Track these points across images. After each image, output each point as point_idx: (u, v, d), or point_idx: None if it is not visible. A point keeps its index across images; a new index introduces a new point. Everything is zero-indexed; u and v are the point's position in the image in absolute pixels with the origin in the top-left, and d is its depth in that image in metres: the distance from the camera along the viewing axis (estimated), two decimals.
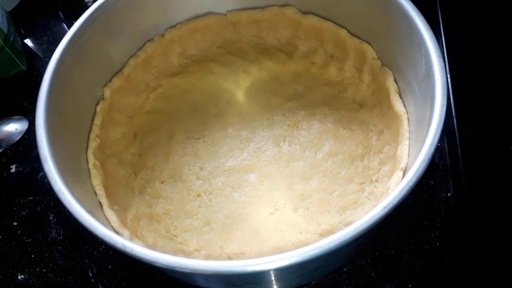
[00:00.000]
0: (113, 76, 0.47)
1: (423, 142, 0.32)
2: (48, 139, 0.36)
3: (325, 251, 0.26)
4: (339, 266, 0.41)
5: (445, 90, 0.33)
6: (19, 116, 0.55)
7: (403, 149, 0.40)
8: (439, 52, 0.35)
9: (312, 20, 0.50)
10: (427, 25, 0.37)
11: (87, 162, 0.42)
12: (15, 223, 0.48)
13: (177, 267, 0.27)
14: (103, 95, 0.46)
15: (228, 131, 0.48)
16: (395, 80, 0.44)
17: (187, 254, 0.40)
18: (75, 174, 0.38)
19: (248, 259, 0.28)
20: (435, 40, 0.36)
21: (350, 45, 0.48)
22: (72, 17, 0.65)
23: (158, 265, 0.28)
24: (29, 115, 0.55)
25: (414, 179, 0.29)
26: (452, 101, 0.45)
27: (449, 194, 0.44)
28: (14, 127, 0.53)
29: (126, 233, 0.37)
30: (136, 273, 0.44)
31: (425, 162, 0.30)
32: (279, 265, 0.28)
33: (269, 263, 0.27)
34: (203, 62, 0.53)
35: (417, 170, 0.30)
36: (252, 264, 0.27)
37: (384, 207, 0.28)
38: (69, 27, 0.65)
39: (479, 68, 0.49)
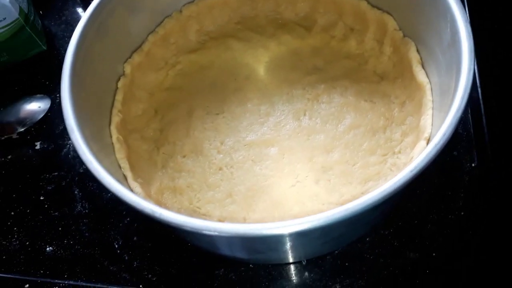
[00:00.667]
0: (133, 52, 0.48)
1: (449, 107, 0.31)
2: (74, 111, 0.36)
3: (352, 213, 0.27)
4: (362, 236, 0.41)
5: (472, 55, 0.32)
6: (42, 95, 0.56)
7: (427, 119, 0.40)
8: (466, 17, 0.34)
9: None
10: None
11: (111, 137, 0.43)
12: (41, 198, 0.49)
13: (204, 230, 0.28)
14: (124, 71, 0.46)
15: (248, 106, 0.48)
16: (417, 51, 0.43)
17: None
18: (100, 146, 0.38)
19: (273, 222, 0.28)
20: (461, 5, 0.35)
21: (371, 17, 0.48)
22: None
23: (187, 228, 0.28)
24: (51, 93, 0.56)
25: (442, 142, 0.29)
26: (476, 71, 0.44)
27: (473, 165, 0.43)
28: (37, 106, 0.54)
29: (151, 203, 0.38)
30: (161, 244, 0.44)
31: (453, 125, 0.29)
32: (304, 227, 0.28)
33: (294, 225, 0.28)
34: (221, 38, 0.53)
35: (444, 134, 0.29)
36: (278, 226, 0.27)
37: (411, 171, 0.28)
38: (85, 8, 0.65)
39: (504, 37, 0.48)
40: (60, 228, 0.47)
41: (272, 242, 0.33)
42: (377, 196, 0.27)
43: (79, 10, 0.66)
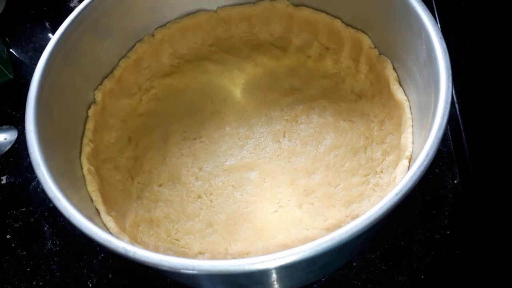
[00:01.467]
0: (104, 79, 0.46)
1: (430, 126, 0.31)
2: (40, 144, 0.34)
3: (339, 242, 0.25)
4: (348, 261, 0.39)
5: (450, 72, 0.32)
6: (8, 126, 0.53)
7: (407, 137, 0.39)
8: (440, 34, 0.34)
9: (305, 12, 0.49)
10: (425, 8, 0.36)
11: (81, 168, 0.40)
12: (8, 236, 0.46)
13: (183, 269, 0.26)
14: (94, 98, 0.44)
15: (226, 130, 0.47)
16: (394, 68, 0.43)
17: (191, 258, 0.38)
18: (69, 181, 0.36)
19: (257, 257, 0.27)
20: (435, 23, 0.35)
21: (345, 35, 0.48)
22: (57, 24, 0.64)
23: (163, 267, 0.26)
24: (18, 124, 0.53)
25: (425, 163, 0.28)
26: (452, 87, 0.44)
27: (455, 181, 0.43)
28: (3, 137, 0.52)
29: (126, 239, 0.36)
30: (138, 280, 0.42)
31: (435, 145, 0.29)
32: (289, 260, 0.26)
33: (279, 259, 0.26)
34: (196, 61, 0.51)
35: (427, 154, 0.29)
36: (262, 261, 0.25)
37: (396, 194, 0.27)
38: (53, 34, 0.63)
39: (477, 52, 0.48)
40: (28, 269, 0.44)
41: (257, 276, 0.31)
42: (363, 223, 0.26)
43: (49, 36, 0.64)
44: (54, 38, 0.39)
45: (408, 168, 0.37)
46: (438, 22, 0.52)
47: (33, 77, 0.37)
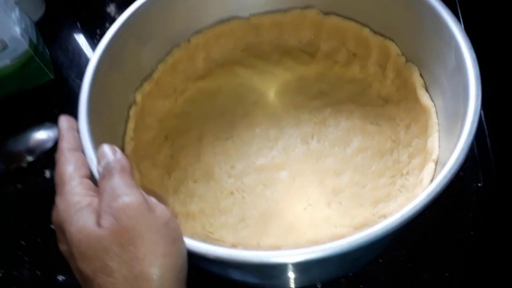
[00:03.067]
0: (143, 81, 0.49)
1: (460, 131, 0.33)
2: (92, 142, 0.37)
3: (375, 238, 0.27)
4: (374, 258, 0.41)
5: (479, 81, 0.34)
6: (51, 123, 0.56)
7: (433, 141, 0.41)
8: (470, 44, 0.36)
9: (334, 20, 0.51)
10: (454, 18, 0.38)
11: None
12: (52, 227, 0.49)
13: (231, 260, 0.28)
14: (135, 99, 0.47)
15: (256, 131, 0.49)
16: (420, 75, 0.45)
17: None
18: None
19: (293, 249, 0.29)
20: (465, 33, 0.37)
21: (373, 42, 0.49)
22: (94, 28, 0.67)
23: (210, 257, 0.29)
24: None
25: (456, 166, 0.30)
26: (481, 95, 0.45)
27: (479, 185, 0.44)
28: (47, 134, 0.55)
29: None
30: None
31: (465, 150, 0.31)
32: (324, 254, 0.28)
33: (318, 252, 0.28)
34: (228, 65, 0.54)
35: (458, 158, 0.30)
36: (306, 252, 0.28)
37: (428, 194, 0.29)
38: (90, 37, 0.67)
39: (504, 57, 0.49)
40: None
41: (288, 268, 0.33)
42: (398, 221, 0.28)
43: (83, 39, 0.67)
44: (102, 44, 0.42)
45: (435, 170, 0.39)
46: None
47: (83, 80, 0.40)
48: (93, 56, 0.41)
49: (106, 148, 0.33)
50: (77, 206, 0.29)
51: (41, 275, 0.46)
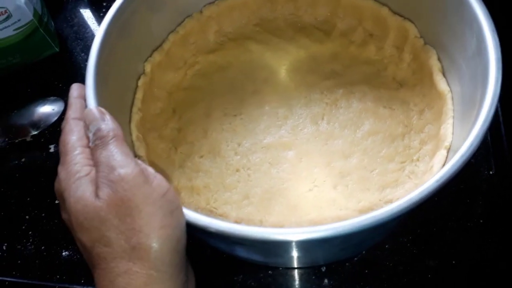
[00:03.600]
0: (153, 51, 0.48)
1: (475, 117, 0.31)
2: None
3: (381, 220, 0.27)
4: (380, 243, 0.41)
5: (500, 65, 0.32)
6: (55, 97, 0.55)
7: (447, 128, 0.40)
8: (493, 26, 0.34)
9: None
10: None
11: (130, 135, 0.43)
12: (56, 201, 0.49)
13: (229, 234, 0.28)
14: (144, 69, 0.47)
15: (265, 109, 0.49)
16: (438, 59, 0.43)
17: None
18: None
19: (297, 227, 0.29)
20: (488, 14, 0.35)
21: (391, 23, 0.48)
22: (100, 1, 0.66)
23: (211, 230, 0.29)
24: (65, 96, 0.55)
25: (468, 153, 0.29)
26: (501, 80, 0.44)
27: (491, 172, 0.43)
28: (51, 108, 0.54)
29: None
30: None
31: (480, 136, 0.29)
32: (327, 234, 0.28)
33: (322, 231, 0.28)
34: (240, 39, 0.53)
35: (471, 145, 0.29)
36: (307, 231, 0.27)
37: (437, 180, 0.28)
38: (96, 10, 0.65)
39: None
40: None
41: (290, 246, 0.33)
42: (403, 205, 0.27)
43: (89, 13, 0.66)
44: (111, 11, 0.41)
45: (446, 158, 0.38)
46: None
47: (92, 46, 0.39)
48: (102, 22, 0.41)
49: (95, 112, 0.33)
50: (77, 176, 0.30)
51: (45, 250, 0.46)
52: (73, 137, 0.33)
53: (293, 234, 0.28)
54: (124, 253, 0.27)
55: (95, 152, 0.30)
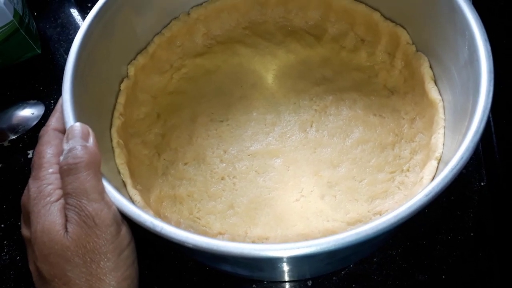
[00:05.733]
0: (137, 54, 0.46)
1: (466, 129, 0.30)
2: (75, 114, 0.34)
3: (365, 237, 0.25)
4: (368, 256, 0.40)
5: (492, 76, 0.31)
6: (35, 101, 0.53)
7: (438, 138, 0.39)
8: (485, 36, 0.33)
9: (343, 2, 0.48)
10: (471, 6, 0.35)
11: (111, 141, 0.41)
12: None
13: (207, 248, 0.26)
14: (127, 73, 0.45)
15: (253, 115, 0.47)
16: (430, 67, 0.42)
17: (212, 237, 0.39)
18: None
19: (279, 243, 0.27)
20: (481, 23, 0.34)
21: (383, 29, 0.47)
22: (85, 1, 0.64)
23: (188, 245, 0.27)
24: (45, 99, 0.54)
25: (458, 166, 0.28)
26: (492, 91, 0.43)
27: (482, 184, 0.42)
28: (31, 112, 0.52)
29: (150, 213, 0.37)
30: (159, 262, 0.43)
31: (470, 149, 0.28)
32: (310, 251, 0.26)
33: (303, 248, 0.26)
34: (228, 43, 0.51)
35: (461, 158, 0.28)
36: (287, 248, 0.26)
37: (426, 195, 0.27)
38: (81, 10, 0.63)
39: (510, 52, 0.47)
40: None
41: (276, 262, 0.31)
42: (390, 220, 0.26)
43: (75, 13, 0.64)
44: (93, 10, 0.40)
45: (437, 169, 0.37)
46: None
47: (71, 46, 0.38)
48: (83, 22, 0.39)
49: (79, 130, 0.31)
50: (47, 199, 0.28)
51: (20, 260, 0.44)
52: (50, 150, 0.31)
53: (273, 250, 0.26)
54: None
55: (65, 176, 0.29)
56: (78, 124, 0.31)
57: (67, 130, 0.31)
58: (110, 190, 0.31)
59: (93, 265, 0.27)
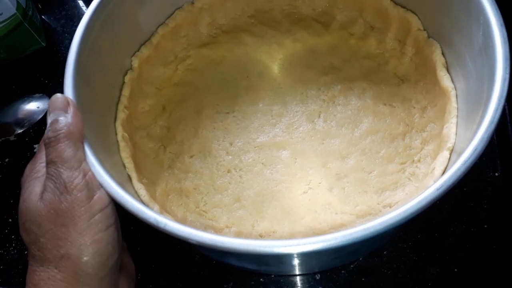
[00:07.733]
0: (141, 46, 0.45)
1: (481, 119, 0.29)
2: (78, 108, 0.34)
3: (373, 233, 0.24)
4: (378, 249, 0.39)
5: (508, 63, 0.30)
6: (41, 94, 0.53)
7: (450, 128, 0.37)
8: (501, 20, 0.31)
9: None
10: None
11: (116, 134, 0.41)
12: None
13: (211, 245, 0.26)
14: (131, 65, 0.44)
15: (259, 106, 0.46)
16: (442, 53, 0.41)
17: (217, 231, 0.39)
18: (103, 146, 0.36)
19: (285, 240, 0.27)
20: (496, 7, 0.32)
21: (393, 15, 0.45)
22: None
23: (192, 242, 0.27)
24: (51, 93, 0.53)
25: (472, 158, 0.27)
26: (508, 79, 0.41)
27: (496, 174, 0.41)
28: (36, 106, 0.52)
29: (156, 207, 0.36)
30: (167, 255, 0.42)
31: (485, 140, 0.27)
32: (317, 247, 0.26)
33: (309, 244, 0.26)
34: (234, 32, 0.50)
35: (476, 149, 0.27)
36: (293, 244, 0.25)
37: (438, 189, 0.26)
38: (86, 2, 0.63)
39: None
40: None
41: (283, 258, 0.31)
42: (400, 215, 0.25)
43: (80, 4, 0.63)
44: (95, 1, 0.39)
45: (449, 160, 0.36)
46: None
47: (72, 40, 0.37)
48: (85, 14, 0.38)
49: (60, 101, 0.32)
50: (34, 175, 0.30)
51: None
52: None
53: (279, 247, 0.25)
54: (52, 260, 0.28)
55: (47, 148, 0.30)
56: (59, 95, 0.32)
57: (49, 102, 0.32)
58: (112, 185, 0.30)
59: (63, 229, 0.28)
